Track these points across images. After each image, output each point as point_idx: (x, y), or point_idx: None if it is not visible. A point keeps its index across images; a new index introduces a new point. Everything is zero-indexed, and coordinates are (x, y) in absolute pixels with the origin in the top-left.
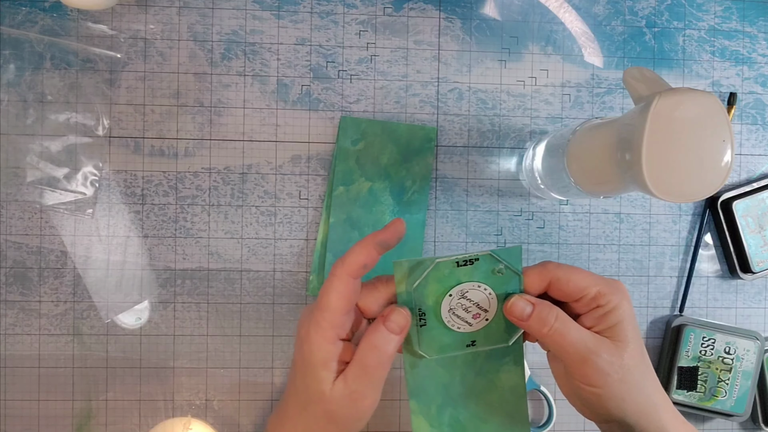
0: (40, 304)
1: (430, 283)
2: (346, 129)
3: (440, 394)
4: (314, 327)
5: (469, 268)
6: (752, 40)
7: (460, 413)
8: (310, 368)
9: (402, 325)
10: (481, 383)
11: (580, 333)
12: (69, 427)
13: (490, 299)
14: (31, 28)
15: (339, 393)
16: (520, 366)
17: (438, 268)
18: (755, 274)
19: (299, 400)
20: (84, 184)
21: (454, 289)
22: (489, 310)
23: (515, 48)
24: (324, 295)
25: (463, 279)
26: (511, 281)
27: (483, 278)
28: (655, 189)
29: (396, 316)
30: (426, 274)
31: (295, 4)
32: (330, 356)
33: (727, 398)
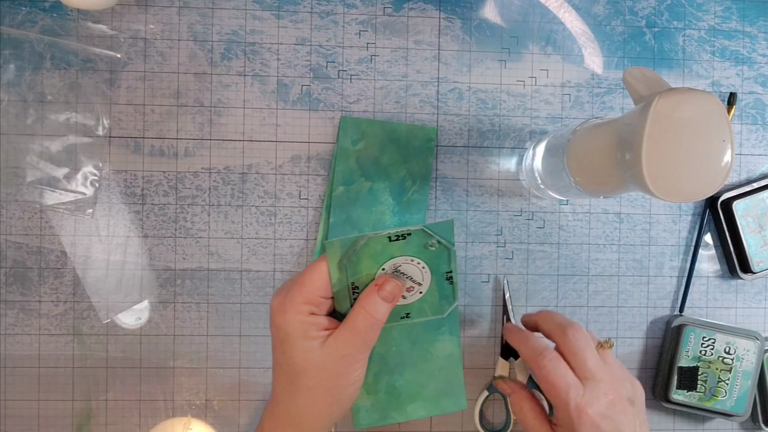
0: (40, 304)
1: (364, 259)
2: (346, 129)
3: (376, 363)
4: (289, 301)
5: (401, 242)
6: (752, 40)
7: (396, 380)
8: (289, 341)
9: (395, 294)
10: (417, 352)
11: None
12: (69, 427)
13: (424, 273)
14: (31, 28)
15: (330, 357)
16: (455, 336)
17: (370, 244)
18: (755, 274)
19: (286, 377)
20: (84, 184)
21: (386, 264)
22: (423, 284)
23: (515, 48)
24: (307, 273)
25: (396, 254)
26: (443, 255)
27: (416, 252)
28: (655, 189)
29: (390, 285)
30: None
31: (295, 4)
32: (308, 327)
33: (727, 398)
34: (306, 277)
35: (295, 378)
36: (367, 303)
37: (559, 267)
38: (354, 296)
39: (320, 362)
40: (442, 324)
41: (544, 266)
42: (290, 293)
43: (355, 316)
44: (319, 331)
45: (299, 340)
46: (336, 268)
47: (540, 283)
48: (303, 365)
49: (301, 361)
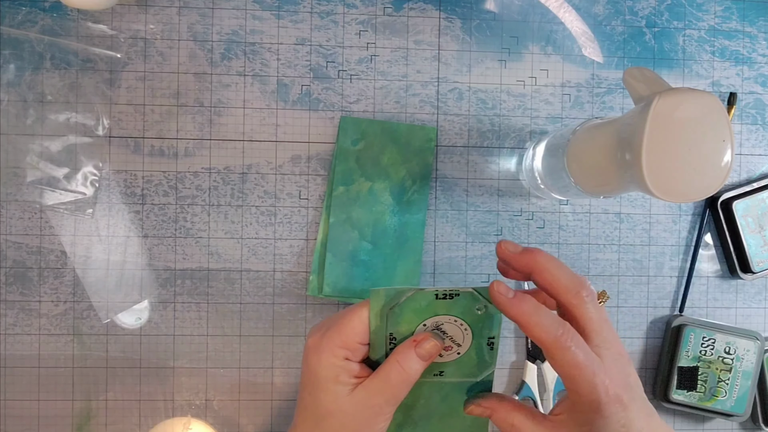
0: (40, 304)
1: (406, 312)
2: (346, 129)
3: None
4: (326, 342)
5: (448, 301)
6: (752, 40)
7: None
8: (320, 384)
9: (431, 354)
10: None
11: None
12: (69, 427)
13: (465, 334)
14: (31, 28)
15: (358, 405)
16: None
17: (416, 298)
18: (755, 274)
19: (311, 417)
20: (84, 184)
21: (428, 320)
22: (462, 345)
23: (515, 48)
24: (347, 316)
25: (440, 312)
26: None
27: (460, 313)
28: (655, 189)
29: (428, 345)
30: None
31: (295, 4)
32: (340, 371)
33: (727, 398)
34: (345, 321)
35: (320, 420)
36: (402, 357)
37: None
38: (390, 347)
39: (347, 409)
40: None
41: None
42: (327, 334)
43: (389, 368)
44: (350, 378)
45: (329, 383)
46: (377, 315)
47: None
48: (329, 409)
49: (329, 404)
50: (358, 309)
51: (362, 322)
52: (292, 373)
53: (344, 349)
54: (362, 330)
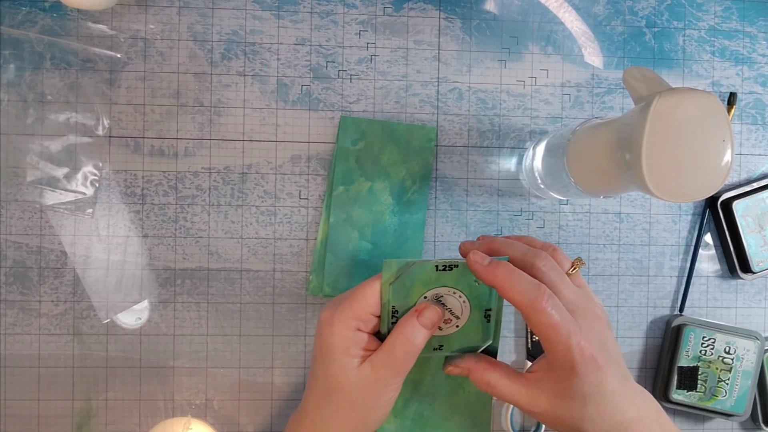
0: (40, 304)
1: (408, 285)
2: (346, 129)
3: (408, 389)
4: (338, 315)
5: (448, 273)
6: (752, 40)
7: (425, 409)
8: (331, 355)
9: (434, 321)
10: (450, 385)
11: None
12: (69, 426)
13: (464, 307)
14: (31, 28)
15: (365, 378)
16: None
17: (417, 270)
18: (755, 274)
19: (320, 390)
20: (84, 183)
21: (429, 293)
22: (461, 318)
23: (515, 48)
24: (360, 288)
25: (440, 284)
26: (486, 292)
27: (459, 285)
28: (655, 189)
29: (429, 312)
30: (404, 274)
31: (295, 4)
32: (351, 343)
33: (727, 398)
34: (358, 293)
35: (328, 392)
36: (405, 328)
37: None
38: (393, 320)
39: (354, 381)
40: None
41: None
42: (340, 307)
43: (393, 340)
44: (359, 350)
45: (340, 354)
46: (387, 288)
47: None
48: (338, 381)
49: (337, 376)
50: (370, 281)
51: (374, 294)
52: (292, 373)
53: (356, 319)
54: (374, 301)
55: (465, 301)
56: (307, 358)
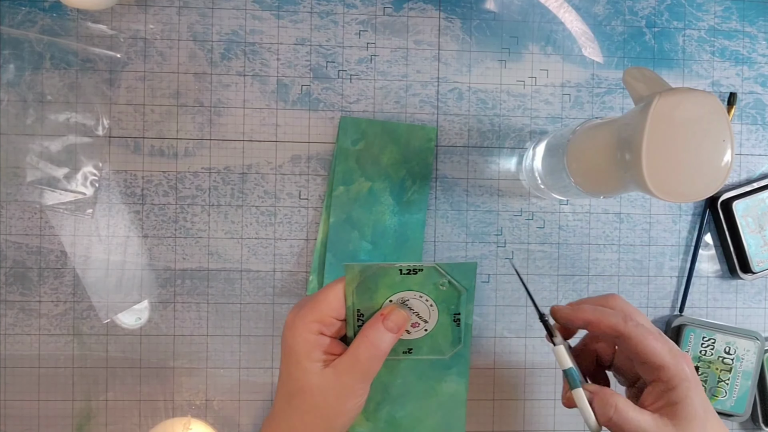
0: (40, 304)
1: (373, 288)
2: (346, 129)
3: (379, 392)
4: (300, 318)
5: (413, 277)
6: (752, 40)
7: (397, 411)
8: (293, 358)
9: (400, 325)
10: (422, 387)
11: (638, 422)
12: (69, 427)
13: (431, 310)
14: (31, 28)
15: (328, 383)
16: (464, 378)
17: (381, 273)
18: (755, 274)
19: (285, 393)
20: (84, 184)
21: (395, 296)
22: (429, 321)
23: (515, 48)
24: (323, 292)
25: (406, 287)
26: (453, 296)
27: (425, 289)
28: (655, 189)
29: (395, 316)
30: (368, 276)
31: (295, 4)
32: (313, 347)
33: (727, 398)
34: (321, 296)
35: (292, 397)
36: (370, 332)
37: (559, 267)
38: (359, 323)
39: (317, 386)
40: (452, 365)
41: (544, 266)
42: (303, 310)
43: (357, 345)
44: (321, 354)
45: (302, 358)
46: (351, 291)
47: (540, 283)
48: (300, 385)
49: (300, 380)
50: (333, 284)
51: (337, 297)
52: None
53: (318, 323)
54: (337, 305)
55: (432, 305)
56: None
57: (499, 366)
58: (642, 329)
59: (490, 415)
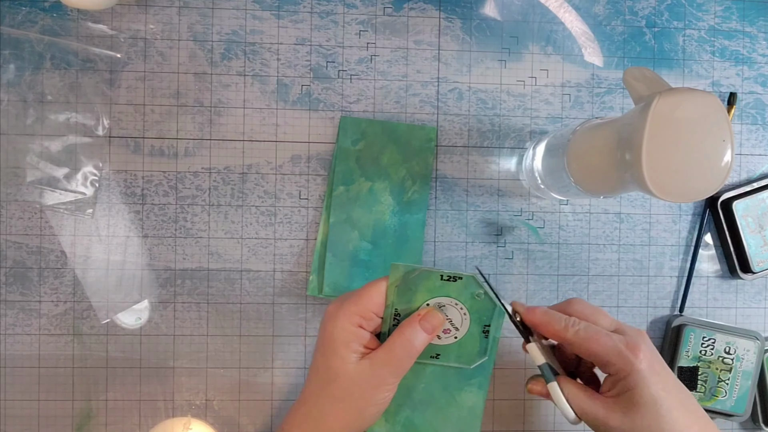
0: (40, 304)
1: (413, 291)
2: (346, 129)
3: (402, 395)
4: (344, 309)
5: (452, 284)
6: (752, 40)
7: (416, 417)
8: (332, 346)
9: (435, 326)
10: (443, 397)
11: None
12: (69, 427)
13: (464, 319)
14: (31, 28)
15: (363, 373)
16: (483, 390)
17: (423, 277)
18: (755, 274)
19: (319, 380)
20: (84, 184)
21: (432, 300)
22: (460, 329)
23: (515, 48)
24: (367, 287)
25: (444, 293)
26: (488, 308)
27: (462, 297)
28: (655, 189)
29: (431, 317)
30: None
31: (295, 4)
32: (352, 338)
33: (727, 398)
34: (365, 291)
35: (326, 384)
36: (407, 330)
37: (559, 267)
38: (395, 322)
39: (353, 375)
40: (474, 376)
41: (544, 266)
42: (346, 302)
43: (394, 340)
44: (359, 345)
45: (340, 347)
46: (393, 290)
47: (540, 283)
48: (336, 374)
49: (337, 368)
50: (377, 282)
51: (380, 294)
52: (292, 373)
53: (359, 316)
54: (379, 301)
55: (465, 314)
56: (308, 359)
57: (499, 366)
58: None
59: (490, 415)
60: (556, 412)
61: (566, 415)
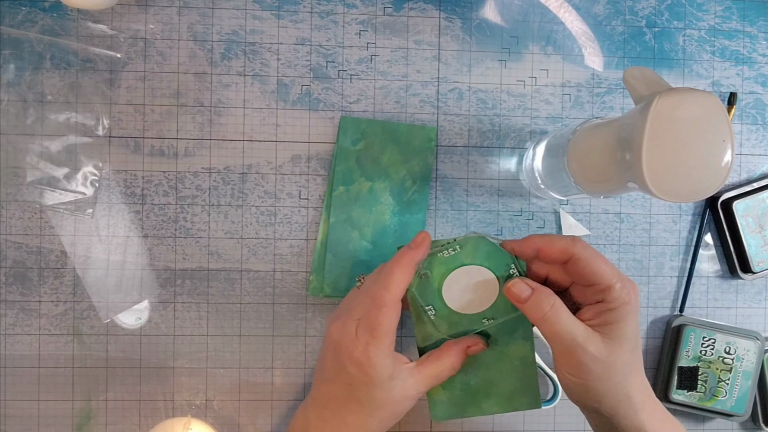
0: (40, 304)
1: (436, 268)
2: (346, 129)
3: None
4: (373, 349)
5: (464, 251)
6: (752, 39)
7: (471, 379)
8: (377, 384)
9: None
10: (492, 354)
11: (571, 325)
12: (69, 427)
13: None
14: (31, 28)
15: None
16: (529, 341)
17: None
18: (755, 274)
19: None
20: (84, 184)
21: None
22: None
23: (515, 48)
24: (376, 319)
25: (466, 262)
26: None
27: (480, 259)
28: (655, 189)
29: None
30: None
31: (295, 4)
32: (392, 369)
33: (728, 398)
34: (379, 326)
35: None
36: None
37: None
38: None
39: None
40: (516, 329)
41: None
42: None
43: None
44: (401, 369)
45: (385, 381)
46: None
47: None
48: (384, 402)
49: (383, 399)
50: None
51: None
52: (292, 373)
53: (391, 345)
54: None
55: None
56: (308, 359)
57: None
58: (591, 251)
59: (491, 415)
60: (556, 413)
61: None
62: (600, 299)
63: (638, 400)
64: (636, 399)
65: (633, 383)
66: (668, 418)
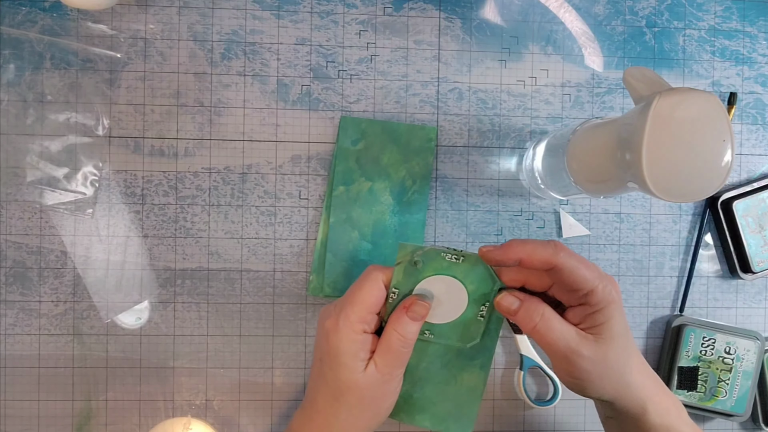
0: (40, 304)
1: (427, 271)
2: (346, 129)
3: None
4: (343, 320)
5: (463, 265)
6: (752, 39)
7: (415, 392)
8: (340, 360)
9: (422, 314)
10: (443, 375)
11: (562, 332)
12: (69, 427)
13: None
14: (31, 28)
15: (372, 378)
16: (484, 372)
17: (436, 257)
18: (755, 274)
19: (330, 392)
20: (84, 184)
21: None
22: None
23: (515, 48)
24: (356, 291)
25: (458, 275)
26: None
27: (469, 280)
28: (655, 189)
29: (417, 307)
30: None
31: (295, 4)
32: (359, 347)
33: (728, 398)
34: (360, 293)
35: (339, 395)
36: (397, 325)
37: None
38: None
39: (363, 382)
40: (476, 357)
41: None
42: (345, 310)
43: (388, 338)
44: (366, 352)
45: (349, 359)
46: (399, 269)
47: None
48: (348, 384)
49: (347, 380)
50: (361, 284)
51: (378, 288)
52: (292, 373)
53: (361, 323)
54: (378, 295)
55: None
56: (308, 359)
57: (499, 366)
58: (573, 260)
59: (491, 415)
60: (556, 413)
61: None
62: (583, 302)
63: (638, 381)
64: (636, 381)
65: (632, 371)
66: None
